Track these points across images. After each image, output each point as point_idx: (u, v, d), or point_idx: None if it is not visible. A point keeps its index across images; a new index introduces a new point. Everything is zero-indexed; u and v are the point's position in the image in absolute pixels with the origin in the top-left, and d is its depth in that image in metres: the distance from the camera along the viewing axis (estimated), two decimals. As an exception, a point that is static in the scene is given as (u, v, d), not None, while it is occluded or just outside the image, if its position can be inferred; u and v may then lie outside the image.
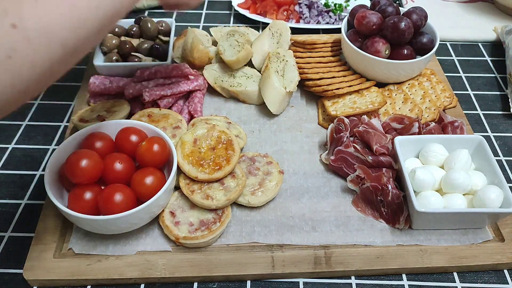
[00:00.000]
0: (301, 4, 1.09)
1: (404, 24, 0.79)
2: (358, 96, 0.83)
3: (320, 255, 0.63)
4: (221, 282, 0.62)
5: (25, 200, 0.72)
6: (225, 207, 0.65)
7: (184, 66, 0.83)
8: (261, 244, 0.64)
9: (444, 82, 0.88)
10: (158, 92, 0.79)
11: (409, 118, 0.76)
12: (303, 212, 0.68)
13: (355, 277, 0.63)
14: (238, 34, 0.86)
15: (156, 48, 0.87)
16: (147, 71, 0.82)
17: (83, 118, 0.76)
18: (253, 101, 0.85)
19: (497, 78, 0.96)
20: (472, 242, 0.65)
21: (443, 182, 0.66)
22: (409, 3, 1.15)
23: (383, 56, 0.81)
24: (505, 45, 0.99)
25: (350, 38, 0.85)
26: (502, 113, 0.88)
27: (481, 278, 0.63)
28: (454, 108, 0.84)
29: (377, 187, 0.66)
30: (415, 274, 0.63)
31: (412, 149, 0.71)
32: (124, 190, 0.60)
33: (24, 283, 0.61)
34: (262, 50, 0.88)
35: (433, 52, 0.82)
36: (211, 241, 0.63)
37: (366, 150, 0.72)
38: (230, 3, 1.13)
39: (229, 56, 0.84)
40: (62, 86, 0.91)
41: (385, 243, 0.64)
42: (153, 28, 0.90)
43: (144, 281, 0.61)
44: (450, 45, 1.05)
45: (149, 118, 0.76)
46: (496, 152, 0.80)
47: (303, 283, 0.62)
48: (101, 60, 0.86)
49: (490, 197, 0.62)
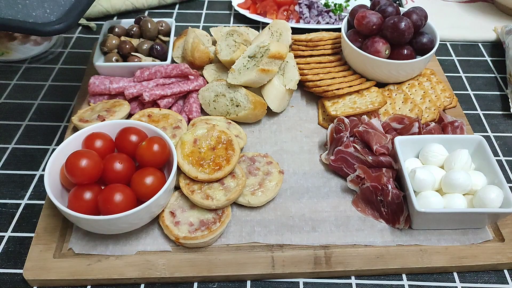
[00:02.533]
0: (301, 4, 1.09)
1: (404, 24, 0.79)
2: (358, 96, 0.83)
3: (320, 255, 0.63)
4: (221, 282, 0.62)
5: (25, 200, 0.72)
6: (225, 207, 0.65)
7: (184, 66, 0.83)
8: (261, 244, 0.64)
9: (444, 82, 0.88)
10: (158, 92, 0.79)
11: (409, 118, 0.76)
12: (303, 212, 0.68)
13: (355, 277, 0.63)
14: (237, 34, 0.86)
15: (156, 48, 0.87)
16: (147, 71, 0.82)
17: (83, 118, 0.76)
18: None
19: (497, 78, 0.96)
20: (472, 242, 0.65)
21: (443, 182, 0.66)
22: (409, 3, 1.15)
23: (383, 56, 0.81)
24: (505, 45, 0.99)
25: (350, 38, 0.85)
26: (502, 113, 0.88)
27: (481, 278, 0.63)
28: (454, 108, 0.84)
29: (377, 187, 0.66)
30: (415, 274, 0.63)
31: (412, 149, 0.71)
32: (124, 190, 0.60)
33: (24, 283, 0.61)
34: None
35: (433, 52, 0.82)
36: (211, 241, 0.63)
37: (366, 150, 0.72)
38: (230, 3, 1.13)
39: (224, 56, 0.84)
40: (62, 86, 0.91)
41: (385, 243, 0.64)
42: (153, 28, 0.90)
43: (144, 281, 0.61)
44: (450, 45, 1.05)
45: (149, 118, 0.76)
46: (496, 152, 0.80)
47: (303, 283, 0.62)
48: (101, 60, 0.86)
49: (490, 197, 0.62)
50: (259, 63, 0.77)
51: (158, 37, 0.92)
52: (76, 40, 1.03)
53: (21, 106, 0.87)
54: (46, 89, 0.90)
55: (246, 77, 0.77)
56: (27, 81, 0.92)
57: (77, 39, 1.03)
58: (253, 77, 0.77)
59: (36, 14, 0.62)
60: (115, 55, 0.86)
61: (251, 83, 0.79)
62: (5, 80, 0.92)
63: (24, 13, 0.62)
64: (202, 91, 0.82)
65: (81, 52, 0.99)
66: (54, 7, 0.64)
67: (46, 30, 0.61)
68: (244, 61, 0.80)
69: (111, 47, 0.87)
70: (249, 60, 0.79)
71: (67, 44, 1.01)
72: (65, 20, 0.63)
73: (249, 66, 0.78)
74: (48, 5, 0.63)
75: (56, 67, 0.95)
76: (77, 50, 1.00)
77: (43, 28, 0.61)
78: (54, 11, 0.63)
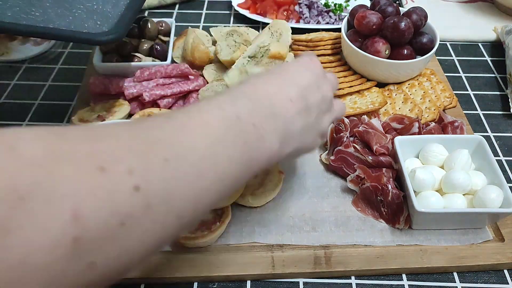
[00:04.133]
0: (301, 4, 1.09)
1: (404, 24, 0.79)
2: (358, 96, 0.83)
3: (320, 255, 0.63)
4: (221, 282, 0.62)
5: (25, 200, 0.71)
6: (225, 207, 0.65)
7: (184, 66, 0.83)
8: (261, 244, 0.64)
9: (444, 82, 0.88)
10: (158, 92, 0.79)
11: (409, 118, 0.76)
12: (303, 212, 0.68)
13: (355, 277, 0.63)
14: (237, 34, 0.86)
15: (156, 48, 0.87)
16: (147, 71, 0.82)
17: (83, 118, 0.76)
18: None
19: (497, 78, 0.96)
20: (472, 242, 0.65)
21: (443, 182, 0.66)
22: (409, 3, 1.15)
23: (383, 56, 0.81)
24: (505, 45, 0.99)
25: (350, 38, 0.85)
26: (502, 113, 0.88)
27: (481, 278, 0.63)
28: (454, 108, 0.84)
29: (377, 187, 0.66)
30: (415, 274, 0.63)
31: (412, 149, 0.71)
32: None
33: (24, 283, 0.61)
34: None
35: (433, 52, 0.82)
36: (211, 241, 0.63)
37: (366, 150, 0.72)
38: (230, 3, 1.13)
39: (224, 56, 0.84)
40: (62, 86, 0.91)
41: (385, 243, 0.64)
42: (153, 28, 0.90)
43: (144, 281, 0.61)
44: (450, 45, 1.05)
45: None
46: (496, 152, 0.80)
47: (303, 283, 0.62)
48: (101, 60, 0.86)
49: (490, 197, 0.62)
50: (259, 63, 0.77)
51: (158, 37, 0.92)
52: (76, 40, 1.03)
53: (21, 106, 0.87)
54: (46, 89, 0.90)
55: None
56: (27, 81, 0.92)
57: (77, 39, 1.03)
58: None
59: (88, 25, 0.66)
60: (115, 55, 0.86)
61: None
62: (5, 80, 0.92)
63: (77, 24, 0.65)
64: (202, 91, 0.82)
65: (81, 52, 0.99)
66: (104, 19, 0.67)
67: (101, 39, 0.64)
68: (244, 61, 0.80)
69: (111, 47, 0.87)
70: (249, 60, 0.79)
71: (67, 44, 1.01)
72: (116, 30, 0.66)
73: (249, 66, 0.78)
74: (97, 18, 0.67)
75: (56, 67, 0.95)
76: (77, 50, 1.00)
77: (99, 38, 0.64)
78: (105, 22, 0.67)
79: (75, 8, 0.68)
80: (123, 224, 0.29)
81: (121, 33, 0.67)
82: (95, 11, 0.68)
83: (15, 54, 0.96)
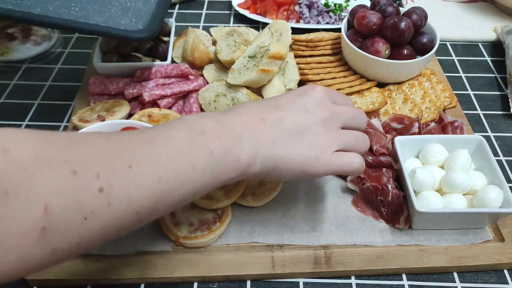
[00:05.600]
0: (301, 4, 1.09)
1: (404, 24, 0.79)
2: (358, 96, 0.83)
3: (320, 255, 0.63)
4: (221, 282, 0.62)
5: (25, 200, 0.71)
6: (225, 207, 0.65)
7: (184, 66, 0.83)
8: (261, 244, 0.64)
9: (444, 82, 0.88)
10: (158, 92, 0.79)
11: (409, 118, 0.76)
12: (303, 212, 0.68)
13: (355, 277, 0.63)
14: (237, 34, 0.86)
15: (156, 48, 0.87)
16: (147, 71, 0.82)
17: (83, 118, 0.76)
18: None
19: (497, 78, 0.96)
20: (472, 242, 0.65)
21: (443, 182, 0.66)
22: (409, 3, 1.15)
23: (383, 56, 0.81)
24: (505, 45, 0.99)
25: (350, 38, 0.85)
26: (502, 113, 0.88)
27: (481, 278, 0.63)
28: (454, 108, 0.84)
29: (377, 187, 0.66)
30: (415, 274, 0.63)
31: (412, 149, 0.71)
32: (124, 190, 0.60)
33: (24, 283, 0.61)
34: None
35: (433, 52, 0.82)
36: (211, 241, 0.63)
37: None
38: (230, 3, 1.13)
39: (224, 56, 0.84)
40: (62, 86, 0.91)
41: (385, 243, 0.64)
42: (153, 28, 0.90)
43: (144, 281, 0.61)
44: (450, 45, 1.05)
45: (149, 118, 0.76)
46: (496, 152, 0.80)
47: (303, 283, 0.62)
48: (101, 60, 0.86)
49: (490, 197, 0.62)
50: (259, 63, 0.77)
51: (158, 37, 0.92)
52: (76, 40, 1.03)
53: (21, 106, 0.87)
54: (46, 89, 0.90)
55: (246, 77, 0.77)
56: (27, 81, 0.92)
57: (77, 39, 1.03)
58: (253, 77, 0.77)
59: (124, 22, 0.68)
60: (115, 55, 0.86)
61: (251, 83, 0.79)
62: (5, 80, 0.92)
63: (114, 21, 0.68)
64: (202, 92, 0.82)
65: (81, 52, 0.99)
66: (137, 17, 0.70)
67: (137, 36, 0.68)
68: (244, 61, 0.80)
69: (111, 47, 0.87)
70: (249, 60, 0.79)
71: (67, 44, 1.01)
72: (151, 28, 0.70)
73: (249, 66, 0.78)
74: (132, 15, 0.70)
75: (56, 67, 0.95)
76: (77, 50, 1.00)
77: (135, 35, 0.68)
78: (139, 20, 0.70)
79: (110, 4, 0.70)
80: (85, 219, 0.35)
81: (155, 31, 0.70)
82: (128, 8, 0.70)
83: (15, 54, 0.96)
